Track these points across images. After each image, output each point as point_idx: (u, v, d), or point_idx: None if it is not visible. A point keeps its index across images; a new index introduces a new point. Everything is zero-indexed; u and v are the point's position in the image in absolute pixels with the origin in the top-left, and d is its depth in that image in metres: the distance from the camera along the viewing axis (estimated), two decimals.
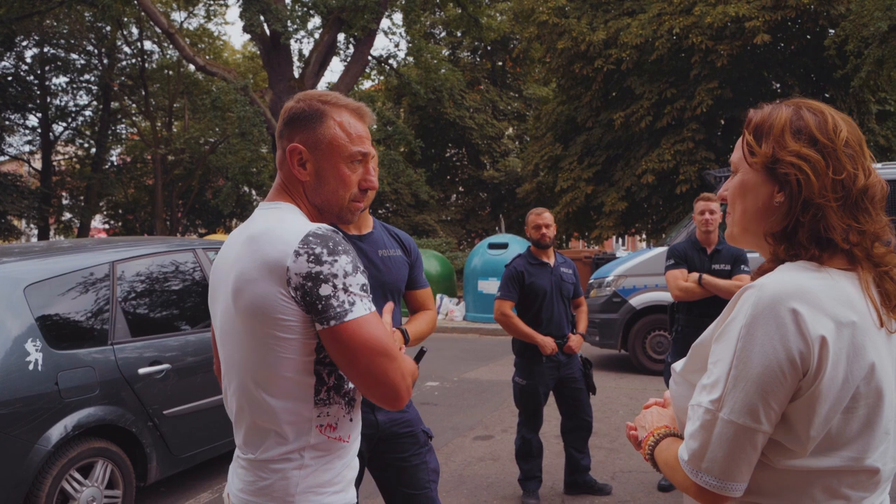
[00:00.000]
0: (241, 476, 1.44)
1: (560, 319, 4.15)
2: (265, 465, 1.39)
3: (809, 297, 1.05)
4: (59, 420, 3.48)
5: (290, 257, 1.29)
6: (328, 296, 1.29)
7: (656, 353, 8.21)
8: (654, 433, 1.28)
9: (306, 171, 1.47)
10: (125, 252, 4.22)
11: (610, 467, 4.75)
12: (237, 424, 1.46)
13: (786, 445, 1.08)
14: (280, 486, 1.38)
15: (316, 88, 18.66)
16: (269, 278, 1.31)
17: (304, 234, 1.32)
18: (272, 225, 1.38)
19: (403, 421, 2.46)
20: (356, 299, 1.31)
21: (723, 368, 1.09)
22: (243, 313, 1.36)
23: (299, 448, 1.38)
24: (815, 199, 1.10)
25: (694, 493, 1.12)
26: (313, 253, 1.30)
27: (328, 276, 1.29)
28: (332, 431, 1.40)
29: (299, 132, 1.47)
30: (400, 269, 2.51)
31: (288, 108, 1.50)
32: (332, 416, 1.41)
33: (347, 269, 1.32)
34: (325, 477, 1.40)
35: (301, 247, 1.30)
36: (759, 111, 1.22)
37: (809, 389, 1.04)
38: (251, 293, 1.33)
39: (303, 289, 1.29)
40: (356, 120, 1.50)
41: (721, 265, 4.20)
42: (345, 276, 1.31)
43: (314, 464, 1.39)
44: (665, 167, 14.75)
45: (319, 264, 1.29)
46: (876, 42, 11.42)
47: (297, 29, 17.03)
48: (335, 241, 1.33)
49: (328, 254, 1.30)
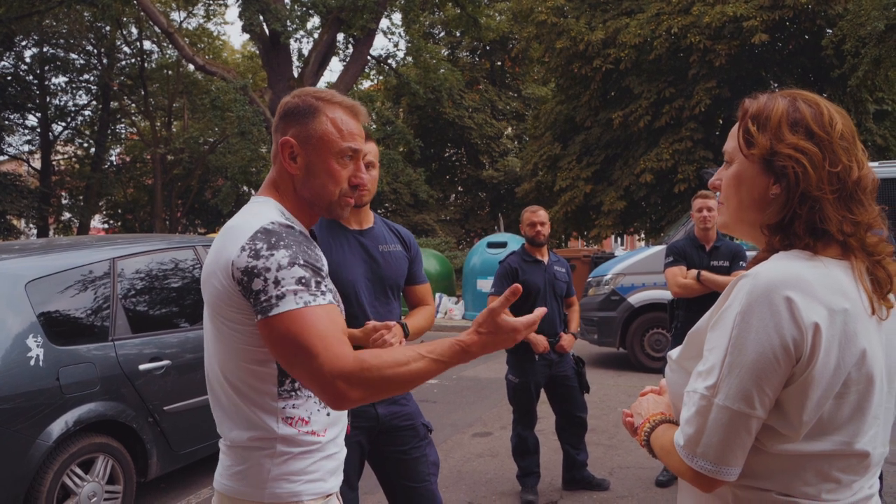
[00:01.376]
0: (222, 461, 1.49)
1: (553, 318, 4.17)
2: (238, 451, 1.43)
3: (803, 285, 1.07)
4: (61, 415, 3.50)
5: (236, 252, 1.33)
6: (259, 290, 1.30)
7: (654, 351, 8.23)
8: (650, 419, 1.30)
9: (296, 165, 1.49)
10: (126, 249, 4.23)
11: (608, 463, 4.77)
12: (214, 409, 1.51)
13: (779, 430, 1.10)
14: (253, 472, 1.41)
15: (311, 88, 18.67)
16: (222, 272, 1.35)
17: (254, 230, 1.35)
18: (241, 220, 1.42)
19: (403, 414, 2.48)
20: (287, 293, 1.29)
21: (718, 355, 1.10)
22: (207, 305, 1.43)
23: (268, 437, 1.40)
24: (812, 191, 1.11)
25: (689, 477, 1.14)
26: (254, 248, 1.32)
27: (261, 271, 1.30)
28: (303, 425, 1.43)
29: (292, 126, 1.50)
30: (399, 264, 2.53)
31: (284, 104, 1.54)
32: (303, 410, 1.43)
33: (282, 262, 1.31)
34: (300, 465, 1.43)
35: (248, 242, 1.33)
36: (754, 101, 1.22)
37: (802, 375, 1.06)
38: (210, 285, 1.39)
39: (241, 283, 1.32)
40: (349, 117, 1.52)
41: (720, 262, 4.23)
42: (278, 269, 1.30)
43: (286, 453, 1.41)
44: (663, 166, 14.76)
45: (256, 259, 1.31)
46: (873, 41, 11.45)
47: (297, 28, 17.04)
48: (279, 237, 1.34)
49: (267, 248, 1.32)
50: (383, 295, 2.46)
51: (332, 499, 1.50)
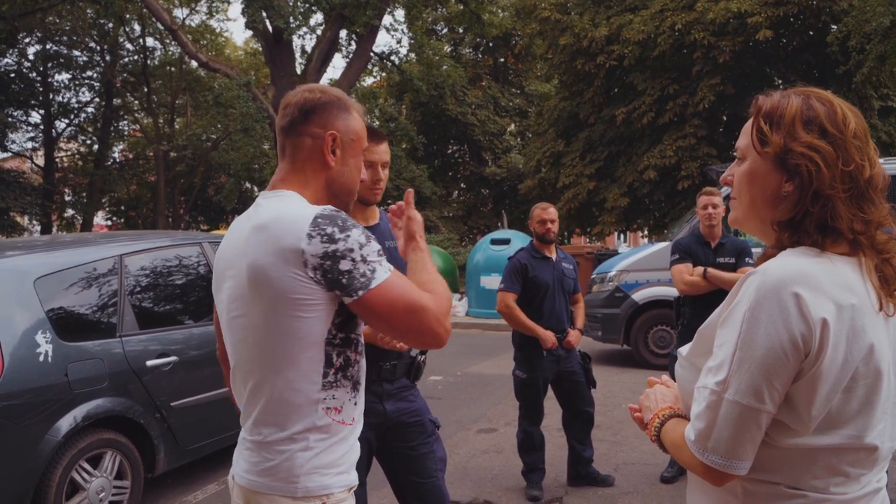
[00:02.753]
0: (247, 458, 1.48)
1: (560, 314, 4.19)
2: (271, 446, 1.43)
3: (811, 280, 1.08)
4: (69, 411, 3.52)
5: (304, 241, 1.35)
6: (348, 270, 1.35)
7: (659, 348, 8.23)
8: (660, 414, 1.31)
9: (335, 158, 1.52)
10: (133, 245, 4.25)
11: (613, 459, 4.78)
12: (248, 406, 1.49)
13: (788, 425, 1.11)
14: (285, 467, 1.42)
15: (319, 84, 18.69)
16: (286, 264, 1.36)
17: (312, 217, 1.37)
18: (279, 213, 1.42)
19: (411, 410, 2.49)
20: (375, 266, 1.38)
21: (728, 351, 1.11)
22: (263, 300, 1.40)
23: (306, 429, 1.42)
24: (825, 190, 1.12)
25: (700, 471, 1.15)
26: (325, 233, 1.35)
27: (345, 252, 1.35)
28: (336, 414, 1.45)
29: (334, 121, 1.52)
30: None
31: (312, 98, 1.52)
32: (338, 399, 1.45)
33: (360, 240, 1.38)
34: (330, 458, 1.44)
35: (312, 229, 1.35)
36: (768, 98, 1.22)
37: (811, 370, 1.07)
38: (270, 280, 1.37)
39: (322, 268, 1.35)
40: (361, 118, 1.61)
41: (725, 258, 4.23)
42: (360, 247, 1.37)
43: (319, 446, 1.43)
44: (667, 163, 14.75)
45: (334, 242, 1.35)
46: (878, 38, 11.41)
47: (300, 25, 17.07)
48: (342, 218, 1.40)
49: (340, 231, 1.36)
50: None
51: (352, 493, 1.52)
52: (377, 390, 2.42)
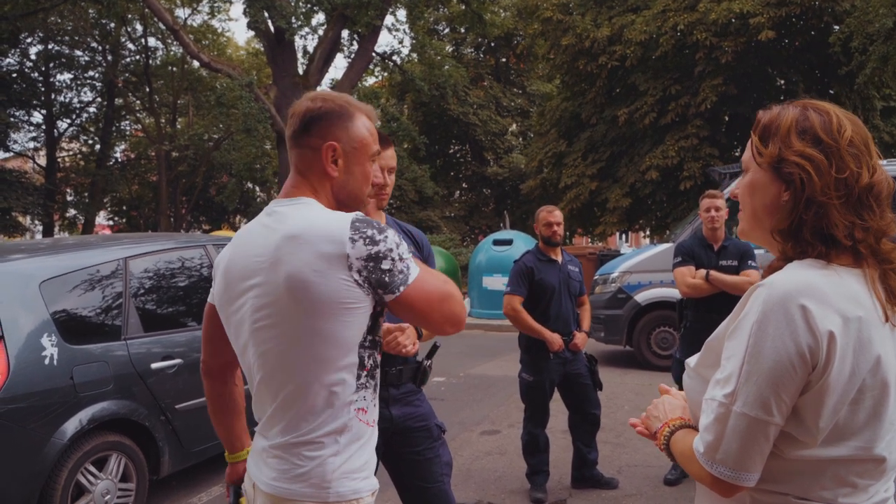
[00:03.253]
0: (274, 465, 1.46)
1: (567, 316, 4.20)
2: (300, 451, 1.43)
3: (817, 293, 1.09)
4: (75, 414, 3.54)
5: (348, 245, 1.38)
6: (389, 269, 1.41)
7: (661, 349, 8.24)
8: (669, 424, 1.31)
9: (337, 168, 1.53)
10: (137, 248, 4.26)
11: (616, 462, 4.79)
12: (280, 413, 1.46)
13: (797, 436, 1.12)
14: (317, 472, 1.42)
15: (321, 84, 18.72)
16: (330, 269, 1.38)
17: (350, 222, 1.41)
18: (311, 220, 1.43)
19: (417, 415, 2.50)
20: (409, 263, 1.45)
21: (736, 363, 1.12)
22: (303, 308, 1.39)
23: (336, 430, 1.43)
24: (817, 196, 1.13)
25: (709, 482, 1.16)
26: (367, 236, 1.40)
27: (385, 252, 1.41)
28: (363, 415, 1.48)
29: (334, 130, 1.52)
30: None
31: (314, 108, 1.53)
32: (367, 400, 1.48)
33: (395, 240, 1.44)
34: (357, 463, 1.46)
35: (354, 234, 1.39)
36: (767, 112, 1.25)
37: (819, 382, 1.08)
38: (312, 287, 1.38)
39: (367, 269, 1.39)
40: (370, 121, 1.59)
41: (728, 261, 4.24)
42: (396, 246, 1.43)
43: (347, 450, 1.45)
44: (669, 163, 14.75)
45: (375, 244, 1.40)
46: (881, 39, 11.41)
47: (302, 25, 17.07)
48: (376, 221, 1.45)
49: (378, 233, 1.42)
50: None
51: (374, 497, 1.53)
52: (383, 395, 2.43)
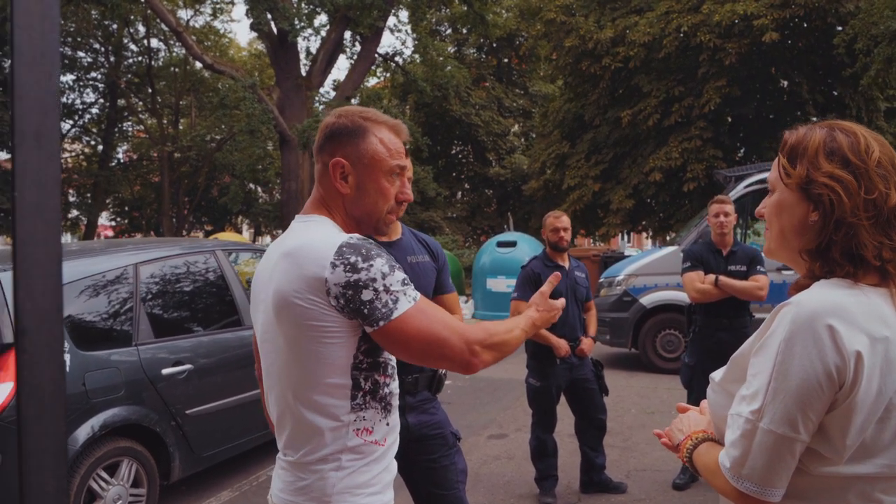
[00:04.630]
0: (282, 476, 1.50)
1: (574, 322, 4.21)
2: (305, 466, 1.45)
3: (845, 313, 1.10)
4: (87, 420, 3.56)
5: (328, 269, 1.35)
6: (371, 300, 1.35)
7: (667, 352, 8.25)
8: (693, 436, 1.33)
9: (348, 185, 1.52)
10: (147, 254, 4.28)
11: (624, 466, 4.80)
12: (279, 428, 1.52)
13: (822, 454, 1.13)
14: (318, 486, 1.43)
15: (323, 86, 18.74)
16: (309, 291, 1.37)
17: (337, 246, 1.37)
18: (307, 240, 1.44)
19: (433, 423, 2.52)
20: (399, 296, 1.38)
21: (762, 380, 1.13)
22: (286, 326, 1.42)
23: (338, 451, 1.43)
24: (847, 218, 1.14)
25: (734, 497, 1.17)
26: (349, 262, 1.36)
27: (367, 282, 1.35)
28: (368, 435, 1.46)
29: (342, 147, 1.52)
30: (428, 275, 2.57)
31: (329, 124, 1.55)
32: (369, 421, 1.46)
33: (384, 270, 1.37)
34: (363, 479, 1.45)
35: (336, 258, 1.36)
36: (793, 133, 1.26)
37: (845, 402, 1.09)
38: (293, 307, 1.39)
39: (344, 297, 1.35)
40: (394, 135, 1.56)
41: (737, 266, 4.25)
42: (383, 277, 1.37)
43: (352, 465, 1.44)
44: (672, 165, 14.76)
45: (356, 272, 1.35)
46: (886, 40, 11.40)
47: (304, 27, 17.04)
48: (367, 248, 1.39)
49: (363, 261, 1.36)
50: None
51: None
52: (400, 403, 2.44)
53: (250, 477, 4.67)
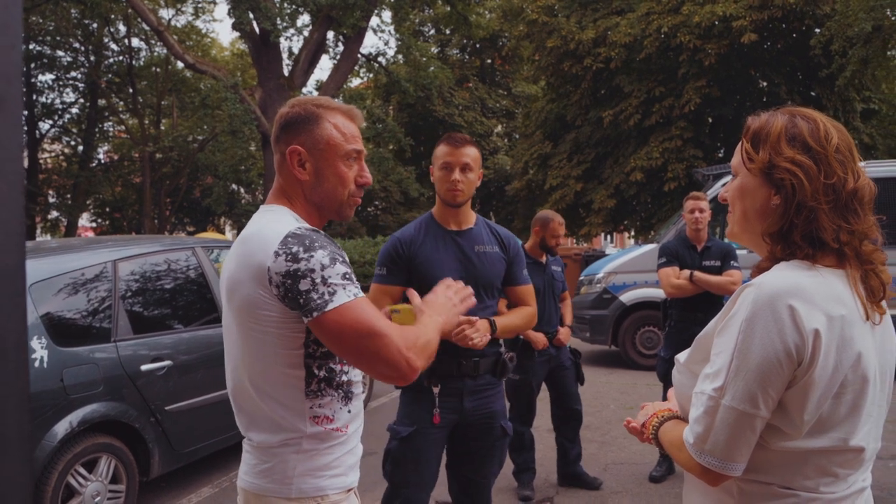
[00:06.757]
0: (247, 460, 1.54)
1: (550, 316, 4.27)
2: (267, 450, 1.48)
3: (804, 294, 1.14)
4: (65, 416, 3.53)
5: (270, 258, 1.38)
6: (307, 290, 1.36)
7: (646, 349, 8.32)
8: (658, 415, 1.38)
9: (306, 171, 1.55)
10: (126, 251, 4.26)
11: (602, 459, 4.85)
12: (238, 413, 1.55)
13: (782, 429, 1.17)
14: (279, 469, 1.46)
15: (306, 86, 18.68)
16: (253, 279, 1.40)
17: (283, 236, 1.40)
18: (259, 228, 1.47)
19: (487, 412, 2.56)
20: (336, 289, 1.37)
21: (725, 359, 1.17)
22: (235, 312, 1.46)
23: (296, 437, 1.46)
24: (807, 202, 1.19)
25: (698, 472, 1.22)
26: (290, 252, 1.37)
27: (305, 272, 1.36)
28: (328, 423, 1.48)
29: (297, 135, 1.55)
30: (494, 265, 2.58)
31: (283, 114, 1.59)
32: (327, 408, 1.48)
33: (324, 262, 1.38)
34: (324, 461, 1.48)
35: (280, 247, 1.38)
36: (756, 119, 1.30)
37: (804, 378, 1.14)
38: (239, 293, 1.43)
39: (283, 286, 1.37)
40: (348, 121, 1.60)
41: (711, 261, 4.31)
42: (322, 268, 1.37)
43: (313, 449, 1.47)
44: (653, 165, 14.90)
45: (297, 262, 1.37)
46: (860, 42, 11.61)
47: (287, 27, 16.99)
48: (312, 239, 1.41)
49: (304, 251, 1.38)
50: (476, 294, 2.51)
51: (352, 494, 1.55)
52: (458, 386, 2.49)
53: (230, 473, 4.66)
